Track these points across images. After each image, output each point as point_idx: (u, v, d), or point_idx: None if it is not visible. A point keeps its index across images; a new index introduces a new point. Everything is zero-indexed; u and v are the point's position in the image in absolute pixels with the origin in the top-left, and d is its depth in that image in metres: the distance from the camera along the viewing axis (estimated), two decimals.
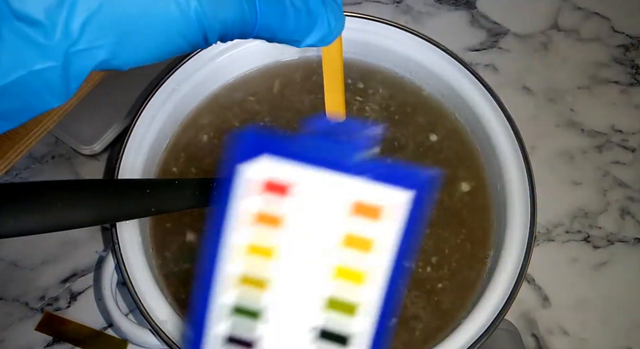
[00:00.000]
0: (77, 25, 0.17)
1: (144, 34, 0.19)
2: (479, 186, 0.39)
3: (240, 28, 0.20)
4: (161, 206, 0.34)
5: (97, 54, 0.18)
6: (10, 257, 0.46)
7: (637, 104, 0.52)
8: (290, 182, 0.18)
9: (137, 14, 0.18)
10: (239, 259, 0.19)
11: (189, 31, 0.19)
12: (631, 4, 0.56)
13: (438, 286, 0.37)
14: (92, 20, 0.17)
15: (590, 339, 0.44)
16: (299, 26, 0.23)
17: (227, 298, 0.19)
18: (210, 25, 0.20)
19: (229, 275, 0.19)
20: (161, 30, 0.19)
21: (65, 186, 0.31)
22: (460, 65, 0.40)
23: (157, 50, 0.19)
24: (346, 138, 0.18)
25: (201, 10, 0.19)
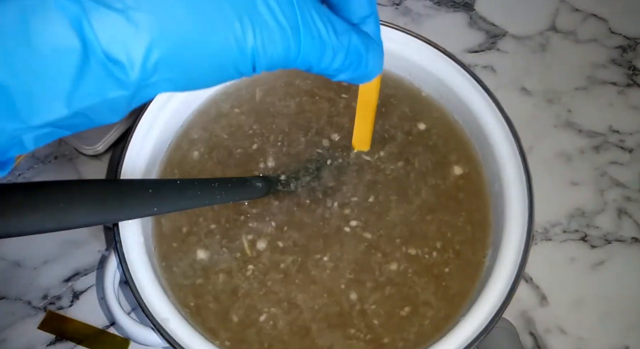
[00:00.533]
0: (151, 65, 0.20)
1: (204, 68, 0.21)
2: (473, 172, 0.40)
3: (284, 62, 0.22)
4: (163, 205, 0.34)
5: (162, 86, 0.21)
6: (12, 257, 0.46)
7: (634, 105, 0.52)
8: None
9: (203, 54, 0.21)
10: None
11: (243, 65, 0.22)
12: (629, 6, 0.56)
13: (445, 271, 0.37)
14: (164, 61, 0.20)
15: (588, 338, 0.45)
16: (336, 63, 0.24)
17: None
18: (260, 60, 0.22)
19: None
20: (219, 65, 0.21)
21: (68, 186, 0.31)
22: (459, 67, 0.40)
23: (211, 79, 0.22)
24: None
25: (256, 48, 0.21)
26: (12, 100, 0.19)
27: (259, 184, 0.38)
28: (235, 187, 0.37)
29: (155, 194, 0.34)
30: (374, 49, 0.26)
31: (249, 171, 0.40)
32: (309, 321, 0.36)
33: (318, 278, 0.37)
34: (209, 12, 0.20)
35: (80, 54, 0.18)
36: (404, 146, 0.40)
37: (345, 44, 0.24)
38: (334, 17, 0.24)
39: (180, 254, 0.37)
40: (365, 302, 0.36)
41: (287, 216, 0.38)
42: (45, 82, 0.19)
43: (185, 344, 0.34)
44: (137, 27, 0.19)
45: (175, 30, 0.20)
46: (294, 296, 0.36)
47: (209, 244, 0.37)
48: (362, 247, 0.38)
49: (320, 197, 0.39)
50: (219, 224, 0.38)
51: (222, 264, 0.37)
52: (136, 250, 0.36)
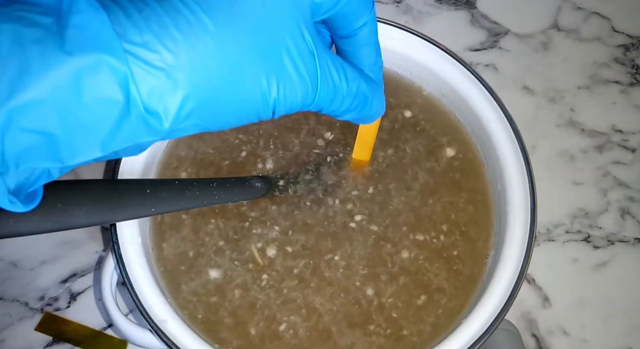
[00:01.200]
0: (184, 115, 0.21)
1: (229, 115, 0.23)
2: (466, 152, 0.40)
3: (301, 107, 0.25)
4: (161, 206, 0.34)
5: (189, 130, 0.23)
6: (9, 258, 0.46)
7: (637, 104, 0.52)
8: None
9: (229, 102, 0.23)
10: None
11: (264, 112, 0.24)
12: (631, 4, 0.56)
13: (454, 254, 0.37)
14: (195, 110, 0.22)
15: (591, 339, 0.44)
16: (344, 105, 0.27)
17: None
18: (280, 107, 0.24)
19: None
20: (243, 112, 0.23)
21: (65, 186, 0.31)
22: (461, 65, 0.40)
23: (233, 123, 0.24)
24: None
25: (278, 98, 0.23)
26: (56, 146, 0.20)
27: (258, 184, 0.38)
28: (234, 187, 0.37)
29: (154, 194, 0.34)
30: (379, 95, 0.29)
31: (247, 172, 0.40)
32: (329, 323, 0.36)
33: (333, 279, 0.36)
34: (241, 69, 0.22)
35: (122, 106, 0.20)
36: (395, 135, 0.41)
37: (354, 90, 0.27)
38: (347, 65, 0.26)
39: (190, 275, 0.37)
40: (382, 296, 0.36)
41: (289, 220, 0.38)
42: (88, 131, 0.20)
43: (183, 346, 0.33)
44: (175, 82, 0.21)
45: (209, 84, 0.22)
46: (312, 300, 0.36)
47: (220, 262, 0.37)
48: (371, 240, 0.37)
49: (320, 196, 0.38)
50: (227, 239, 0.37)
51: (237, 278, 0.36)
52: (134, 251, 0.35)
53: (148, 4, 0.21)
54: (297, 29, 0.24)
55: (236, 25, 0.22)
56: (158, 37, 0.20)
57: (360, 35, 0.28)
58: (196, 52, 0.21)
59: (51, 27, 0.19)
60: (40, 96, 0.19)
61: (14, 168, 0.20)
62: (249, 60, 0.22)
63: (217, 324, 0.36)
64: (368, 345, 0.35)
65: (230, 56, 0.22)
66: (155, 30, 0.20)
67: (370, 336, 0.35)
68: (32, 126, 0.19)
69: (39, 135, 0.20)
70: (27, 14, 0.20)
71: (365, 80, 0.28)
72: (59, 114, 0.20)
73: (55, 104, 0.19)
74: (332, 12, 0.26)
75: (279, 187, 0.39)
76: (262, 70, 0.23)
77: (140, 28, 0.20)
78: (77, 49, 0.19)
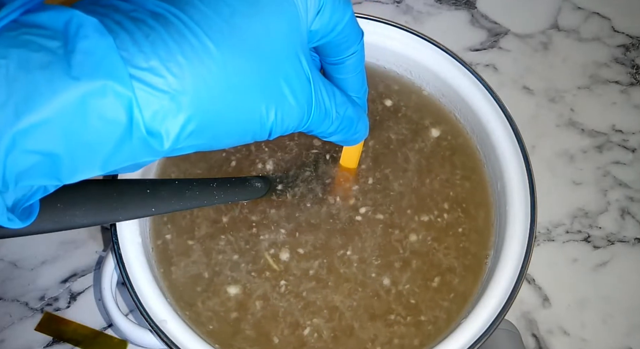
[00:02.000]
0: (184, 137, 0.22)
1: (227, 137, 0.24)
2: (451, 131, 0.41)
3: (294, 129, 0.26)
4: (161, 206, 0.34)
5: (186, 150, 0.23)
6: (9, 258, 0.46)
7: (637, 104, 0.52)
8: None
9: (228, 125, 0.23)
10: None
11: (260, 135, 0.24)
12: (631, 4, 0.56)
13: (459, 231, 0.38)
14: (195, 133, 0.22)
15: (591, 339, 0.44)
16: (332, 128, 0.28)
17: None
18: (276, 130, 0.25)
19: None
20: (240, 134, 0.24)
21: (65, 186, 0.31)
22: (461, 65, 0.40)
23: (229, 144, 0.24)
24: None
25: (275, 122, 0.24)
26: (58, 166, 0.21)
27: (259, 184, 0.38)
28: (235, 187, 0.37)
29: (154, 194, 0.33)
30: (363, 119, 0.30)
31: (247, 173, 0.40)
32: (351, 319, 0.36)
33: (349, 274, 0.37)
34: (242, 94, 0.23)
35: (125, 128, 0.20)
36: (383, 122, 0.41)
37: (342, 114, 0.28)
38: (337, 90, 0.28)
39: (208, 295, 0.36)
40: (398, 283, 0.36)
41: (295, 222, 0.38)
42: (90, 152, 0.21)
43: (183, 346, 0.33)
44: (179, 105, 0.21)
45: (211, 108, 0.22)
46: (331, 299, 0.36)
47: (237, 276, 0.37)
48: (379, 229, 0.38)
49: (321, 196, 0.38)
50: (241, 252, 0.37)
51: (257, 290, 0.36)
52: (134, 251, 0.35)
53: (154, 28, 0.21)
54: (296, 55, 0.24)
55: (238, 50, 0.22)
56: (163, 62, 0.21)
57: (349, 63, 0.29)
58: (200, 77, 0.21)
59: (58, 52, 0.20)
60: (45, 119, 0.19)
61: (12, 186, 0.20)
62: (250, 84, 0.23)
63: (237, 338, 0.35)
64: (390, 335, 0.35)
65: (232, 80, 0.22)
66: (161, 55, 0.21)
67: (392, 326, 0.36)
68: (36, 147, 0.20)
69: (42, 156, 0.20)
70: (33, 38, 0.20)
71: (352, 104, 0.29)
72: (63, 136, 0.20)
73: (60, 127, 0.20)
74: (325, 40, 0.27)
75: (279, 190, 0.39)
76: (262, 95, 0.23)
77: (146, 53, 0.20)
78: (83, 74, 0.19)
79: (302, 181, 0.39)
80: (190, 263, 0.37)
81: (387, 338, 0.35)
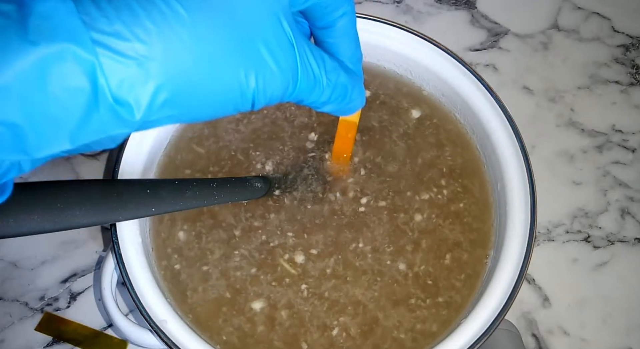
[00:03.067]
0: (157, 106, 0.21)
1: (207, 106, 0.22)
2: (432, 112, 0.42)
3: (280, 98, 0.24)
4: (161, 206, 0.34)
5: (163, 121, 0.22)
6: (9, 258, 0.46)
7: (637, 104, 0.52)
8: None
9: (205, 94, 0.22)
10: None
11: (243, 105, 0.23)
12: (631, 4, 0.56)
13: (461, 206, 0.39)
14: (168, 103, 0.21)
15: (591, 339, 0.44)
16: (324, 96, 0.26)
17: None
18: (259, 99, 0.23)
19: None
20: (221, 104, 0.23)
21: (65, 186, 0.31)
22: (461, 65, 0.40)
23: (210, 116, 0.23)
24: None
25: (257, 90, 0.23)
26: (21, 138, 0.19)
27: (259, 184, 0.38)
28: (235, 187, 0.37)
29: (153, 194, 0.33)
30: (358, 86, 0.28)
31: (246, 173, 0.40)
32: (375, 310, 0.36)
33: (365, 266, 0.37)
34: (217, 61, 0.21)
35: (90, 97, 0.19)
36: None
37: (334, 81, 0.26)
38: (326, 56, 0.26)
39: (233, 313, 0.36)
40: (414, 265, 0.37)
41: (299, 225, 0.38)
42: (55, 122, 0.20)
43: (183, 346, 0.33)
44: (147, 73, 0.20)
45: (184, 76, 0.21)
46: (353, 294, 0.36)
47: (259, 290, 0.36)
48: (384, 216, 0.38)
49: (321, 196, 0.39)
50: (258, 264, 0.37)
51: (281, 299, 0.36)
52: (134, 251, 0.35)
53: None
54: (276, 19, 0.23)
55: (212, 16, 0.21)
56: (129, 27, 0.19)
57: (339, 26, 0.28)
58: (170, 43, 0.20)
59: (12, 15, 0.19)
60: (1, 86, 0.18)
61: None
62: (226, 51, 0.22)
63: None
64: (413, 321, 0.36)
65: (206, 47, 0.21)
66: (126, 20, 0.19)
67: (414, 311, 0.36)
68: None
69: (3, 126, 0.19)
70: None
71: (345, 71, 0.27)
72: (22, 104, 0.19)
73: (19, 95, 0.19)
74: (310, 2, 0.26)
75: (276, 195, 0.39)
76: (240, 62, 0.22)
77: (110, 18, 0.19)
78: (41, 38, 0.18)
79: (301, 183, 0.39)
80: (208, 287, 0.36)
81: (410, 323, 0.36)
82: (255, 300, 0.36)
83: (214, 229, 0.38)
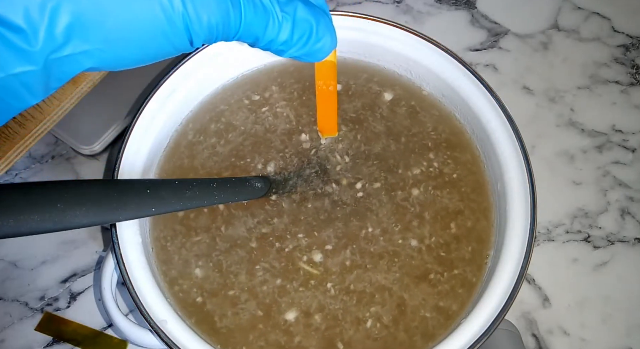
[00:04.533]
0: (60, 31, 0.17)
1: (129, 39, 0.19)
2: (404, 94, 0.42)
3: (224, 32, 0.21)
4: (161, 206, 0.34)
5: (81, 60, 0.18)
6: (9, 258, 0.46)
7: (637, 104, 0.52)
8: None
9: (122, 19, 0.18)
10: None
11: (175, 35, 0.19)
12: (631, 4, 0.56)
13: (454, 177, 0.39)
14: (76, 27, 0.17)
15: (591, 339, 0.44)
16: (283, 34, 0.23)
17: None
18: (195, 30, 0.20)
19: None
20: (147, 35, 0.19)
21: (65, 186, 0.31)
22: (461, 65, 0.40)
23: (142, 54, 0.19)
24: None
25: (187, 15, 0.19)
26: None
27: (259, 184, 0.38)
28: (235, 187, 0.37)
29: (154, 194, 0.33)
30: (325, 21, 0.24)
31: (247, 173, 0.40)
32: (400, 291, 0.36)
33: (380, 249, 0.37)
34: None
35: None
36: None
37: (291, 14, 0.23)
38: None
39: (268, 329, 0.36)
40: (424, 239, 0.38)
41: (306, 225, 0.38)
42: None
43: (183, 346, 0.33)
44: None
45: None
46: (376, 280, 0.36)
47: (289, 299, 0.36)
48: (383, 197, 0.39)
49: (320, 191, 0.39)
50: (280, 273, 0.37)
51: (312, 304, 0.36)
52: (134, 251, 0.35)
53: None
54: None
55: None
56: None
57: None
58: None
59: None
60: None
61: None
62: None
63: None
64: (437, 297, 0.36)
65: None
66: None
67: (436, 286, 0.36)
68: None
69: None
70: None
71: (304, 3, 0.23)
72: None
73: None
74: None
75: (273, 200, 0.39)
76: None
77: None
78: None
79: (301, 184, 0.39)
80: (239, 310, 0.36)
81: (434, 299, 0.36)
82: (288, 310, 0.36)
83: (232, 250, 0.37)
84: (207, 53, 0.40)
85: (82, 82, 0.38)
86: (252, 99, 0.42)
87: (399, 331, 0.35)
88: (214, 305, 0.36)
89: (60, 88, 0.36)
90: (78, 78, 0.37)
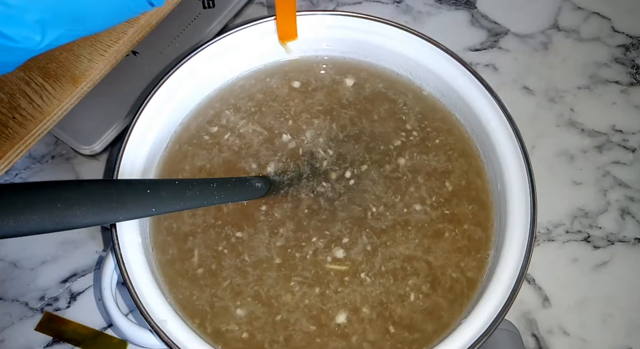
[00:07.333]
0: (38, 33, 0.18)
1: (97, 13, 0.19)
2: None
3: None
4: (161, 206, 0.34)
5: (55, 43, 0.19)
6: (9, 257, 0.46)
7: (637, 104, 0.52)
8: None
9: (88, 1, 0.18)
10: None
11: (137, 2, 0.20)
12: (631, 4, 0.56)
13: (437, 142, 0.40)
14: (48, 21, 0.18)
15: (591, 339, 0.44)
16: None
17: None
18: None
19: None
20: (112, 6, 0.19)
21: (66, 186, 0.31)
22: (461, 65, 0.40)
23: (109, 23, 0.20)
24: None
25: None
26: None
27: (259, 184, 0.38)
28: (235, 187, 0.37)
29: (154, 194, 0.33)
30: None
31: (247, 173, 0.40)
32: (424, 255, 0.37)
33: (392, 224, 0.38)
34: None
35: None
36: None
37: None
38: None
39: (322, 340, 0.36)
40: (425, 200, 0.39)
41: (312, 228, 0.38)
42: None
43: (183, 346, 0.33)
44: None
45: None
46: (400, 252, 0.37)
47: (335, 305, 0.36)
48: (373, 174, 0.39)
49: (312, 195, 0.39)
50: (315, 281, 0.37)
51: (357, 299, 0.36)
52: (134, 251, 0.35)
53: None
54: None
55: None
56: None
57: None
58: None
59: None
60: None
61: None
62: None
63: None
64: (457, 256, 0.37)
65: None
66: None
67: (454, 243, 0.37)
68: None
69: None
70: None
71: None
72: None
73: None
74: None
75: (272, 204, 0.39)
76: None
77: None
78: None
79: (291, 192, 0.39)
80: (292, 332, 0.36)
81: (456, 258, 0.37)
82: (337, 315, 0.36)
83: (264, 275, 0.37)
84: (206, 53, 0.40)
85: (82, 82, 0.37)
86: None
87: (438, 296, 0.36)
88: (262, 334, 0.36)
89: (60, 88, 0.36)
90: (78, 78, 0.37)
